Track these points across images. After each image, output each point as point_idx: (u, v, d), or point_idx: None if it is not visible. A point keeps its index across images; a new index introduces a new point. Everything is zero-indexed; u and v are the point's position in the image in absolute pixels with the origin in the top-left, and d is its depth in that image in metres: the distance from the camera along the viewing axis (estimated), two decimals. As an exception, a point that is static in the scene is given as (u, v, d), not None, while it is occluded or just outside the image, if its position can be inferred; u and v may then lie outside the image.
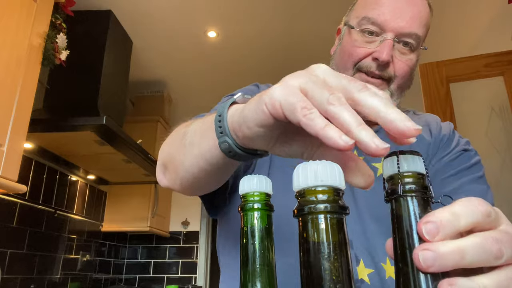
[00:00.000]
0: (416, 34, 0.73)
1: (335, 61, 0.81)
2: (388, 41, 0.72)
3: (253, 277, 0.35)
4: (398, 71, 0.74)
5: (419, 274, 0.28)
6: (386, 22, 0.73)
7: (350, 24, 0.79)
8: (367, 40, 0.75)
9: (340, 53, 0.80)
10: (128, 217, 3.04)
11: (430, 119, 0.84)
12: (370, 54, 0.74)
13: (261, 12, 2.51)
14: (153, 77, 3.31)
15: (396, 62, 0.74)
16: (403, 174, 0.30)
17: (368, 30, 0.74)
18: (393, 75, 0.74)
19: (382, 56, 0.71)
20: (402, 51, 0.74)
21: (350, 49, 0.76)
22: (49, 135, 1.99)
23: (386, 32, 0.73)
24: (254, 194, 0.37)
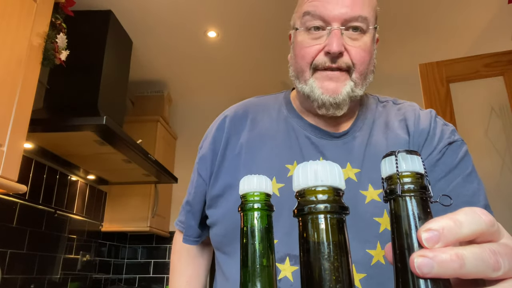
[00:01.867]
0: (361, 15, 0.71)
1: (292, 67, 0.80)
2: (335, 31, 0.70)
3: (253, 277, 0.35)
4: (355, 58, 0.72)
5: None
6: (327, 12, 0.71)
7: (295, 27, 0.78)
8: (314, 36, 0.73)
9: (294, 58, 0.78)
10: (128, 217, 3.03)
11: (408, 112, 0.80)
12: (321, 50, 0.72)
13: (261, 12, 2.50)
14: (153, 77, 3.31)
15: (350, 49, 0.72)
16: (402, 174, 0.30)
17: (313, 26, 0.73)
18: (351, 63, 0.72)
19: (332, 48, 0.70)
20: (353, 37, 0.72)
21: (301, 51, 0.75)
22: (49, 135, 1.99)
23: (330, 23, 0.71)
24: (254, 194, 0.37)
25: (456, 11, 2.51)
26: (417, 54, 2.84)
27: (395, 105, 0.84)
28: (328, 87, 0.72)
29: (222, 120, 0.86)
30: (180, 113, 3.79)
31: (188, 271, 0.93)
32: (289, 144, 0.79)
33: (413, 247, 0.28)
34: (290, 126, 0.81)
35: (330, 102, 0.73)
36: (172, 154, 3.61)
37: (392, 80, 3.17)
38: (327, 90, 0.72)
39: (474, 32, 2.68)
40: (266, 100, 0.89)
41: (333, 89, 0.72)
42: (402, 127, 0.78)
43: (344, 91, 0.72)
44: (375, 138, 0.78)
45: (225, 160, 0.81)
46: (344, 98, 0.72)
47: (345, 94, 0.72)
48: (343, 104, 0.73)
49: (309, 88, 0.74)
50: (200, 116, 3.76)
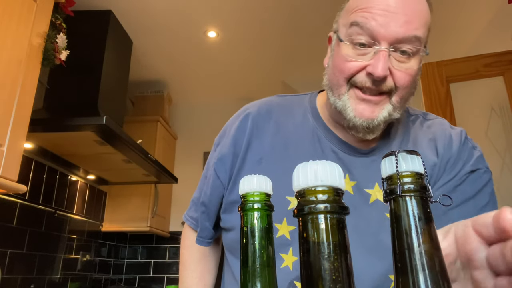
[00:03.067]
0: (415, 36, 0.64)
1: (328, 76, 0.74)
2: (383, 52, 0.64)
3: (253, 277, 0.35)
4: (398, 82, 0.66)
5: (418, 274, 0.28)
6: (378, 29, 0.64)
7: (339, 36, 0.71)
8: (359, 52, 0.66)
9: (332, 67, 0.72)
10: (128, 217, 3.03)
11: (438, 131, 0.75)
12: (364, 68, 0.66)
13: (261, 12, 2.50)
14: (153, 77, 3.31)
15: (395, 72, 0.65)
16: (402, 173, 0.30)
17: (359, 42, 0.66)
18: (394, 87, 0.66)
19: (377, 71, 0.63)
20: (400, 60, 0.66)
21: (341, 64, 0.68)
22: (49, 135, 1.99)
23: (379, 41, 0.64)
24: (254, 194, 0.37)
25: (456, 11, 2.51)
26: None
27: (425, 121, 0.79)
28: (364, 112, 0.67)
29: (244, 119, 0.80)
30: (180, 113, 3.79)
31: (199, 267, 0.90)
32: (314, 157, 0.74)
33: (413, 247, 0.28)
34: (316, 137, 0.77)
35: (363, 126, 0.67)
36: (172, 154, 3.61)
37: (392, 80, 3.17)
38: (362, 114, 0.67)
39: (474, 32, 2.68)
40: (290, 102, 0.83)
41: (369, 114, 0.67)
42: (431, 147, 0.74)
43: (381, 116, 0.67)
44: None
45: (245, 164, 0.77)
46: (379, 123, 0.67)
47: (381, 119, 0.67)
48: (377, 128, 0.68)
49: (342, 105, 0.69)
50: (200, 116, 3.76)
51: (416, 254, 0.28)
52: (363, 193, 0.71)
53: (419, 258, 0.28)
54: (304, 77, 3.29)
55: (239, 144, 0.78)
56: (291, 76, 3.31)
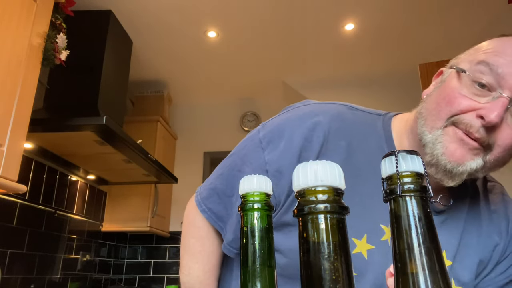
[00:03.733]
0: None
1: (426, 105, 0.66)
2: (503, 99, 0.57)
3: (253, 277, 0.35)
4: (501, 141, 0.59)
5: (418, 274, 0.28)
6: (508, 76, 0.58)
7: (460, 67, 0.64)
8: (477, 92, 0.60)
9: (437, 97, 0.64)
10: (128, 217, 3.04)
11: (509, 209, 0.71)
12: (476, 109, 0.59)
13: (261, 12, 2.50)
14: (153, 77, 3.31)
15: (504, 128, 0.58)
16: (402, 173, 0.30)
17: (481, 83, 0.60)
18: (494, 143, 0.59)
19: (491, 116, 0.56)
20: None
21: (451, 95, 0.62)
22: (49, 135, 1.99)
23: (503, 88, 0.58)
24: (254, 194, 0.37)
25: (456, 11, 2.51)
26: (417, 54, 2.84)
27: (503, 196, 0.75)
28: (455, 152, 0.60)
29: (313, 128, 0.69)
30: (180, 113, 3.79)
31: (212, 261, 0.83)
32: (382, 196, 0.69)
33: (413, 247, 0.28)
34: None
35: (446, 168, 0.61)
36: (172, 154, 3.61)
37: (392, 80, 3.17)
38: (451, 154, 0.60)
39: (474, 32, 2.68)
40: (362, 121, 0.74)
41: (459, 157, 0.60)
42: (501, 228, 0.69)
43: (469, 165, 0.60)
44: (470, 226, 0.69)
45: None
46: (464, 171, 0.60)
47: (467, 169, 0.60)
48: (458, 177, 0.61)
49: (432, 139, 0.62)
50: (200, 116, 3.76)
51: (416, 254, 0.28)
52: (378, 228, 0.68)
53: (419, 258, 0.28)
54: (304, 77, 3.29)
55: (304, 156, 0.68)
56: (291, 76, 3.31)
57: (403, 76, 3.07)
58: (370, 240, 0.64)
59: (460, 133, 0.60)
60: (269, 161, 0.70)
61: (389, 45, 2.84)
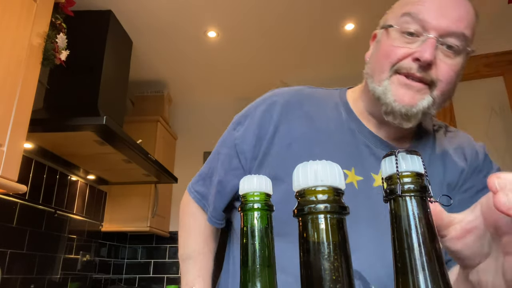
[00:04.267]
0: (464, 33, 0.67)
1: (371, 65, 0.75)
2: (431, 40, 0.65)
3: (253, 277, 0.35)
4: (441, 75, 0.67)
5: (418, 274, 0.28)
6: (429, 19, 0.66)
7: (388, 24, 0.72)
8: (407, 40, 0.68)
9: (377, 55, 0.73)
10: (128, 217, 3.03)
11: (463, 141, 0.79)
12: (411, 54, 0.67)
13: (261, 12, 2.50)
14: (153, 77, 3.31)
15: (439, 64, 0.67)
16: (402, 173, 0.30)
17: (408, 31, 0.68)
18: (436, 79, 0.67)
19: (424, 55, 0.64)
20: (446, 54, 0.67)
21: (387, 50, 0.70)
22: (49, 135, 1.99)
23: (428, 31, 0.66)
24: (254, 194, 0.37)
25: (456, 11, 2.51)
26: (417, 54, 2.84)
27: (448, 132, 0.83)
28: (404, 97, 0.68)
29: (271, 105, 0.80)
30: (180, 113, 3.79)
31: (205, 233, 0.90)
32: (347, 149, 0.75)
33: (413, 247, 0.28)
34: (349, 130, 0.77)
35: (401, 113, 0.68)
36: (172, 154, 3.61)
37: (392, 80, 3.17)
38: (402, 100, 0.68)
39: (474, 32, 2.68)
40: (320, 94, 0.84)
41: (409, 100, 0.67)
42: (459, 155, 0.76)
43: (421, 105, 0.67)
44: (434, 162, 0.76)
45: (272, 149, 0.77)
46: (418, 111, 0.68)
47: (420, 108, 0.68)
48: (414, 117, 0.69)
49: (383, 90, 0.70)
50: (200, 116, 3.76)
51: (416, 254, 0.28)
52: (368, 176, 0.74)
53: (419, 258, 0.28)
54: (304, 77, 3.29)
55: (264, 127, 0.77)
56: (291, 76, 3.31)
57: (403, 76, 3.07)
58: None
59: (404, 78, 0.68)
60: (237, 137, 0.81)
61: (389, 45, 2.84)
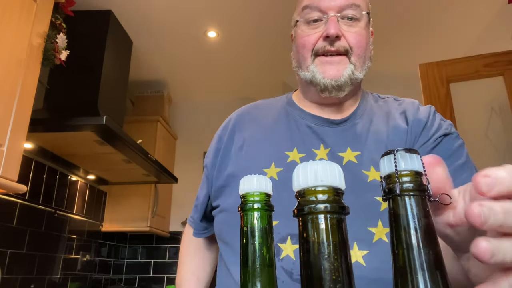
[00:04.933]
0: (354, 3, 0.79)
1: (296, 59, 0.85)
2: (332, 17, 0.77)
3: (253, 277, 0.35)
4: (351, 42, 0.78)
5: (417, 274, 0.28)
6: (324, 4, 0.79)
7: (295, 21, 0.84)
8: (314, 27, 0.80)
9: (296, 49, 0.84)
10: (128, 217, 3.03)
11: (408, 105, 0.85)
12: (321, 36, 0.78)
13: (261, 12, 2.50)
14: (153, 77, 3.31)
15: (346, 34, 0.78)
16: (401, 172, 0.30)
17: (312, 19, 0.80)
18: (349, 47, 0.78)
19: (330, 31, 0.76)
20: (348, 24, 0.79)
21: (302, 41, 0.81)
22: (49, 135, 1.99)
23: (327, 12, 0.78)
24: (254, 194, 0.37)
25: (456, 11, 2.51)
26: (417, 54, 2.84)
27: (396, 101, 0.88)
28: (329, 71, 0.78)
29: (227, 121, 0.93)
30: (180, 113, 3.79)
31: (194, 262, 0.98)
32: (289, 134, 0.83)
33: (413, 246, 0.28)
34: (292, 118, 0.86)
35: (332, 85, 0.77)
36: (172, 154, 3.61)
37: (392, 80, 3.17)
38: (328, 74, 0.78)
39: (474, 32, 2.68)
40: (269, 101, 0.95)
41: (334, 73, 0.78)
42: (402, 118, 0.82)
43: (346, 73, 0.77)
44: (376, 126, 0.81)
45: (229, 153, 0.86)
46: (345, 80, 0.77)
47: (346, 76, 0.77)
48: (345, 86, 0.78)
49: (311, 74, 0.79)
50: (200, 116, 3.76)
51: (415, 253, 0.28)
52: (336, 157, 0.77)
53: (418, 258, 0.28)
54: (304, 77, 3.29)
55: (221, 139, 0.89)
56: (291, 76, 3.30)
57: (403, 76, 3.07)
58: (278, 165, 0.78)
59: (323, 58, 0.79)
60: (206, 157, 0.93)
61: (389, 45, 2.84)
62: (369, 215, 0.70)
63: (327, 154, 0.78)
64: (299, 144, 0.80)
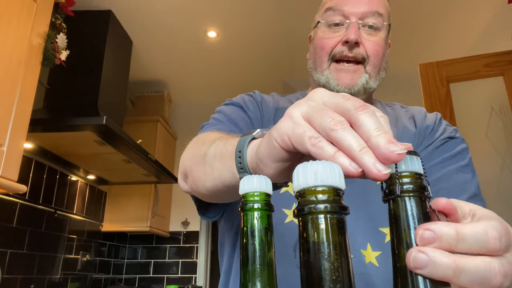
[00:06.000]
0: (377, 11, 0.79)
1: (312, 60, 0.85)
2: (353, 23, 0.77)
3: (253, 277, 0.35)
4: (369, 51, 0.78)
5: (417, 274, 0.28)
6: (347, 8, 0.78)
7: (316, 22, 0.85)
8: (334, 30, 0.80)
9: (314, 51, 0.84)
10: (128, 217, 3.03)
11: (415, 111, 0.86)
12: (340, 40, 0.78)
13: (262, 12, 2.50)
14: (153, 77, 3.31)
15: (365, 42, 0.78)
16: (401, 174, 0.30)
17: (333, 22, 0.79)
18: (366, 55, 0.78)
19: (350, 37, 0.76)
20: (368, 33, 0.79)
21: (321, 43, 0.81)
22: (49, 135, 1.99)
23: (349, 17, 0.78)
24: (254, 194, 0.37)
25: (456, 11, 2.51)
26: (417, 54, 2.84)
27: (403, 108, 0.90)
28: (344, 79, 0.78)
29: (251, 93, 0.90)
30: (180, 113, 3.79)
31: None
32: None
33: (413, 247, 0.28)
34: None
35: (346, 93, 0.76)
36: (172, 154, 3.61)
37: (392, 80, 3.16)
38: (343, 82, 0.78)
39: (474, 32, 2.68)
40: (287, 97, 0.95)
41: (349, 81, 0.78)
42: (411, 122, 0.83)
43: (360, 82, 0.78)
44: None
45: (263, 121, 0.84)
46: (359, 89, 0.78)
47: (360, 86, 0.78)
48: (357, 94, 0.78)
49: (325, 78, 0.79)
50: (200, 116, 3.75)
51: (415, 254, 0.28)
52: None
53: (418, 258, 0.28)
54: (304, 77, 3.28)
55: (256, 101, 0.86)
56: (291, 76, 3.31)
57: (403, 76, 3.07)
58: None
59: (340, 65, 0.78)
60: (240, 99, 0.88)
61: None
62: (380, 216, 0.71)
63: None
64: None
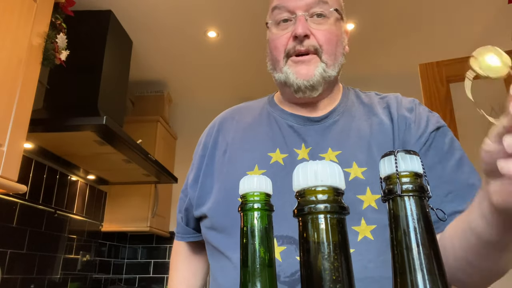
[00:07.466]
0: (321, 0, 0.79)
1: (270, 61, 0.86)
2: (300, 17, 0.78)
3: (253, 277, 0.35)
4: (320, 40, 0.78)
5: (416, 274, 0.28)
6: (291, 3, 0.79)
7: (266, 22, 0.85)
8: (283, 27, 0.80)
9: (270, 51, 0.84)
10: (128, 217, 3.03)
11: (391, 100, 0.85)
12: (290, 36, 0.79)
13: (261, 12, 2.50)
14: (153, 77, 3.31)
15: (315, 32, 0.78)
16: (401, 173, 0.30)
17: (282, 19, 0.80)
18: (318, 45, 0.78)
19: (298, 31, 0.76)
20: (318, 22, 0.79)
21: (273, 44, 0.82)
22: (49, 135, 1.99)
23: (295, 11, 0.79)
24: (254, 194, 0.37)
25: (456, 11, 2.51)
26: (417, 54, 2.84)
27: (378, 95, 0.89)
28: (301, 71, 0.78)
29: (212, 126, 0.94)
30: (180, 113, 3.79)
31: (184, 267, 0.97)
32: (271, 134, 0.83)
33: (412, 247, 0.28)
34: (273, 119, 0.86)
35: (305, 85, 0.78)
36: (172, 154, 3.61)
37: (392, 80, 3.17)
38: (301, 74, 0.78)
39: (474, 32, 2.68)
40: (251, 103, 0.96)
41: (306, 72, 0.78)
42: (386, 114, 0.82)
43: (317, 72, 0.78)
44: (358, 122, 0.81)
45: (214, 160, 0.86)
46: (318, 79, 0.78)
47: (318, 75, 0.78)
48: (317, 85, 0.79)
49: (285, 75, 0.80)
50: (200, 116, 3.75)
51: (414, 254, 0.28)
52: (317, 158, 0.77)
53: (417, 258, 0.28)
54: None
55: (206, 146, 0.89)
56: (291, 76, 3.31)
57: (403, 76, 3.07)
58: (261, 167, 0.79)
59: (295, 58, 0.79)
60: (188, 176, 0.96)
61: (389, 45, 2.84)
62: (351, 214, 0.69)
63: (308, 153, 0.78)
64: (281, 144, 0.80)
